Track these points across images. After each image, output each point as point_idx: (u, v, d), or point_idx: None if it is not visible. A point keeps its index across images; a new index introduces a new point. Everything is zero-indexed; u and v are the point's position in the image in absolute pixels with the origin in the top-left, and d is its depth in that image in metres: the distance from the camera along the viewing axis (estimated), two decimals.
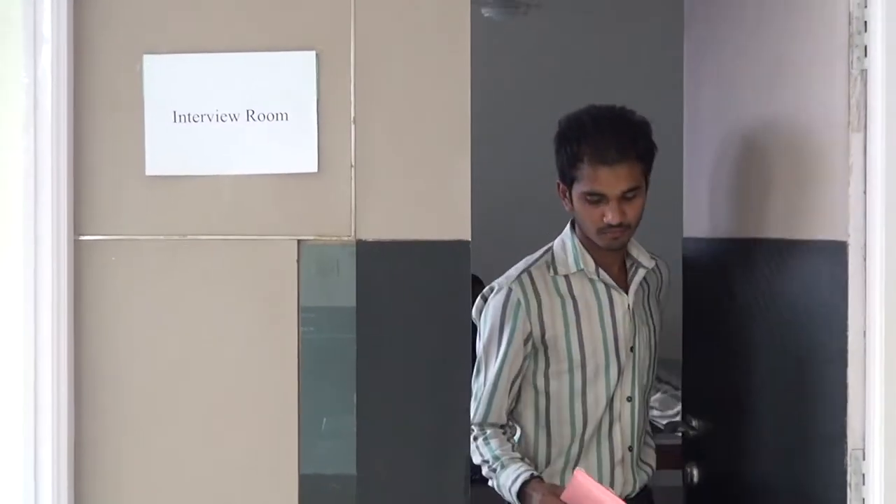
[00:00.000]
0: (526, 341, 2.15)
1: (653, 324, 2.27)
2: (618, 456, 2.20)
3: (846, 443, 1.86)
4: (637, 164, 2.11)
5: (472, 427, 2.14)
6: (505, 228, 3.97)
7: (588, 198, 2.10)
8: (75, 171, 1.83)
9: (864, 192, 1.82)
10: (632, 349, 2.20)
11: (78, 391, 1.85)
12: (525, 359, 2.17)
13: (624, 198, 2.10)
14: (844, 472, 1.85)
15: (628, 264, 2.25)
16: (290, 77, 1.82)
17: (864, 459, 1.84)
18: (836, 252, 1.86)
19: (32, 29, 1.78)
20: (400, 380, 1.84)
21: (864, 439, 1.85)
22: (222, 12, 1.85)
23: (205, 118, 1.83)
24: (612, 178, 2.07)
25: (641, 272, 2.22)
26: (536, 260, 2.22)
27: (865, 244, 1.82)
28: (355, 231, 1.83)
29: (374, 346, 1.84)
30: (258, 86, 1.82)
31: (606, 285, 2.19)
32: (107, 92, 1.85)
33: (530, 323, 2.15)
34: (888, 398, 1.82)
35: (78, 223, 1.83)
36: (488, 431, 2.18)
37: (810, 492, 2.03)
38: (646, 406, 2.29)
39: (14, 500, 1.82)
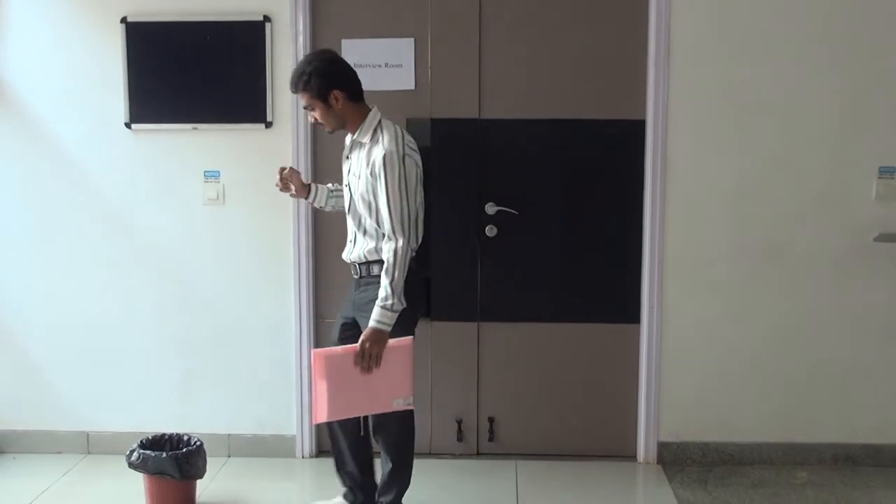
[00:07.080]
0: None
1: (358, 175, 3.43)
2: (350, 236, 3.56)
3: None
4: (303, 93, 3.37)
5: None
6: None
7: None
8: None
9: (655, 92, 4.21)
10: (348, 184, 3.52)
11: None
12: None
13: (309, 109, 3.43)
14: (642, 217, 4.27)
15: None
16: (402, 49, 4.19)
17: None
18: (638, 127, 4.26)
19: (294, 26, 4.16)
20: (451, 174, 4.23)
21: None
22: (384, 23, 4.21)
23: (367, 66, 4.19)
24: (299, 99, 3.51)
25: (353, 144, 3.50)
26: None
27: (646, 123, 4.23)
28: (431, 113, 4.26)
29: (440, 160, 4.24)
30: (389, 52, 4.19)
31: (346, 146, 3.58)
32: None
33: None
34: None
35: None
36: None
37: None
38: (360, 215, 3.46)
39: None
